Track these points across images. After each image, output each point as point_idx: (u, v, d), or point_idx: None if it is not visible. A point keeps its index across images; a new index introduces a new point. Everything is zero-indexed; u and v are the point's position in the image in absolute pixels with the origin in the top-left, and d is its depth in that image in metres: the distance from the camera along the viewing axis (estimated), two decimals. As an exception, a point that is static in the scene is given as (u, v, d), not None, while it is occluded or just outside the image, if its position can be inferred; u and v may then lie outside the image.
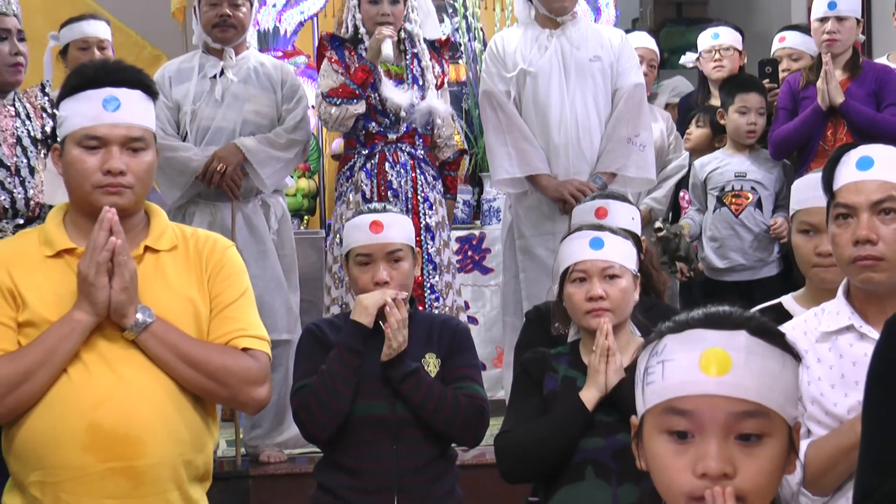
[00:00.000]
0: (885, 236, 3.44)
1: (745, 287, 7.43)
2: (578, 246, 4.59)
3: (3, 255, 3.89)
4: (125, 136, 3.79)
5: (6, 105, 5.86)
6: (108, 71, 3.90)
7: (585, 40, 7.26)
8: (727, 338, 2.34)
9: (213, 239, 4.05)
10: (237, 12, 7.03)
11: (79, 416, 3.71)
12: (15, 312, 3.79)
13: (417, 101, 7.03)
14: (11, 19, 5.81)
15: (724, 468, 2.29)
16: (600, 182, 7.08)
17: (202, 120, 7.03)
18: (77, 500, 3.72)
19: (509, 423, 4.75)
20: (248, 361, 3.91)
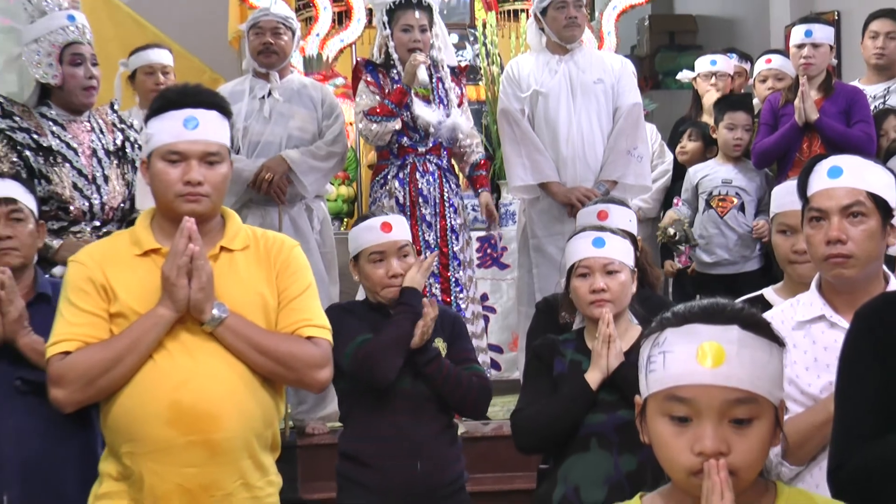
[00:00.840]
0: (854, 237, 3.45)
1: (730, 280, 7.44)
2: (583, 245, 4.60)
3: (98, 254, 3.91)
4: (203, 151, 3.81)
5: (83, 122, 5.89)
6: (188, 94, 3.92)
7: (590, 65, 7.29)
8: (721, 332, 2.35)
9: (281, 239, 4.06)
10: (279, 40, 7.08)
11: (163, 396, 3.73)
12: (107, 305, 3.81)
13: (444, 118, 7.01)
14: (86, 47, 5.85)
15: (720, 448, 2.31)
16: (603, 189, 7.09)
17: (252, 135, 7.06)
18: (161, 469, 3.73)
19: (523, 402, 4.78)
20: (312, 348, 3.92)
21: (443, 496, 4.97)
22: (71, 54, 5.82)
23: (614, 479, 4.46)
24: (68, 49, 5.82)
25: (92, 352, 3.75)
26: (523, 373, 4.98)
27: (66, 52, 5.82)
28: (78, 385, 3.75)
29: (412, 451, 4.90)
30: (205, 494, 3.74)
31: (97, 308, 3.80)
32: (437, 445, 5.01)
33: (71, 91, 5.83)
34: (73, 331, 3.78)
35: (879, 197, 3.50)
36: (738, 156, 7.81)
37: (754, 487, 2.42)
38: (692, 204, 7.89)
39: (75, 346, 3.76)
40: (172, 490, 3.72)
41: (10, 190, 4.50)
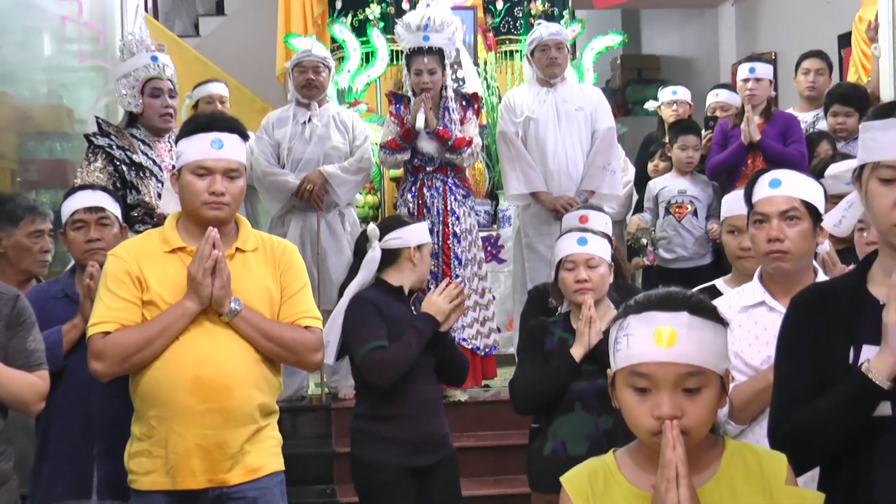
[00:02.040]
0: (791, 236, 3.50)
1: (687, 273, 7.44)
2: (569, 243, 4.61)
3: (133, 250, 3.91)
4: (226, 167, 3.83)
5: (165, 142, 5.94)
6: (215, 120, 3.96)
7: (573, 95, 7.29)
8: (673, 317, 2.38)
9: (284, 244, 4.07)
10: (318, 76, 7.11)
11: (187, 370, 3.75)
12: (140, 293, 3.81)
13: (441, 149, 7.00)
14: (165, 82, 5.89)
15: (674, 413, 2.34)
16: (583, 197, 7.10)
17: (295, 154, 7.06)
18: (183, 430, 3.75)
19: (519, 372, 4.81)
20: (310, 336, 3.95)
21: (441, 444, 4.98)
22: (151, 88, 5.87)
23: (594, 437, 4.47)
24: (149, 83, 5.87)
25: (128, 333, 3.76)
26: (518, 348, 4.96)
27: (147, 86, 5.88)
28: (115, 360, 3.76)
29: (424, 409, 4.92)
30: (218, 451, 3.76)
31: (132, 296, 3.81)
32: (439, 405, 5.07)
33: (150, 117, 5.88)
34: (111, 314, 3.78)
35: (811, 204, 3.55)
36: (690, 171, 7.84)
37: (706, 442, 2.44)
38: (653, 211, 7.92)
39: (114, 328, 3.77)
40: (192, 448, 3.74)
41: (100, 200, 4.53)
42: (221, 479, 3.78)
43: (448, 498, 5.01)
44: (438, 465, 4.94)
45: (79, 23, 7.18)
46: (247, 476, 3.82)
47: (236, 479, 3.80)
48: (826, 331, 2.77)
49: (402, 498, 4.86)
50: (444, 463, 4.96)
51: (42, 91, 7.11)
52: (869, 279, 2.80)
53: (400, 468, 4.84)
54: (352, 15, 9.01)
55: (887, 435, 2.65)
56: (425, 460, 4.90)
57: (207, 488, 3.78)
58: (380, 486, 4.88)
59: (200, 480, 3.76)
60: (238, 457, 3.80)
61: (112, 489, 4.29)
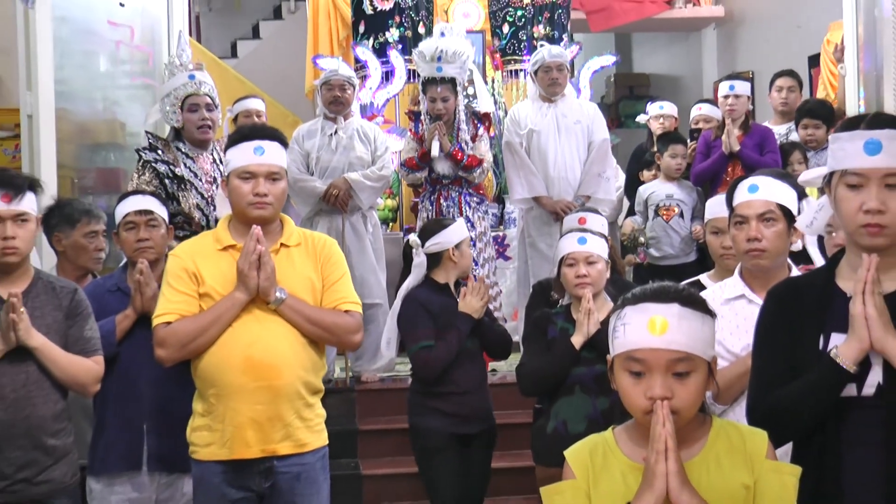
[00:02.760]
0: (767, 236, 3.51)
1: (675, 269, 7.39)
2: (570, 242, 4.61)
3: (190, 249, 3.96)
4: (268, 171, 3.85)
5: (207, 154, 5.97)
6: (257, 130, 4.00)
7: (571, 110, 7.30)
8: (665, 308, 2.39)
9: (324, 238, 4.09)
10: (344, 94, 7.11)
11: (239, 353, 3.78)
12: (197, 287, 3.85)
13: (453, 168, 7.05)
14: (202, 97, 5.90)
15: (665, 394, 2.35)
16: (580, 201, 7.11)
17: (323, 163, 7.06)
18: (238, 406, 3.78)
19: (524, 359, 4.82)
20: (349, 319, 3.95)
21: (484, 416, 5.10)
22: (189, 103, 5.90)
23: (593, 416, 4.47)
24: (188, 99, 5.90)
25: (187, 323, 3.80)
26: (523, 337, 4.99)
27: (185, 102, 5.91)
28: (176, 347, 3.80)
29: (468, 386, 5.03)
30: (269, 424, 3.79)
31: (190, 290, 3.84)
32: (482, 383, 5.15)
33: (189, 131, 5.91)
34: (172, 307, 3.83)
35: (786, 207, 3.57)
36: (677, 177, 7.81)
37: (695, 420, 2.44)
38: (643, 214, 7.90)
39: (175, 318, 3.81)
40: (246, 422, 3.77)
41: (149, 203, 4.54)
42: (272, 450, 3.81)
43: (484, 464, 5.13)
44: (480, 434, 5.09)
45: (131, 46, 7.20)
46: (295, 449, 3.85)
47: (285, 450, 3.83)
48: (799, 320, 2.78)
49: (447, 460, 5.01)
50: (486, 433, 5.11)
51: (98, 107, 7.13)
52: (837, 274, 2.80)
53: (447, 435, 5.00)
54: (373, 38, 9.02)
55: (852, 413, 2.66)
56: (468, 429, 5.04)
57: (258, 460, 3.81)
58: (430, 449, 5.05)
59: (254, 451, 3.80)
60: (287, 430, 3.83)
61: (160, 462, 4.34)
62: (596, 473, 2.46)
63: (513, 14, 9.13)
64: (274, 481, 3.85)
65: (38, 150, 5.12)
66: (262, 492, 3.86)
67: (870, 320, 2.58)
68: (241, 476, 3.83)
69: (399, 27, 9.00)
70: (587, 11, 12.13)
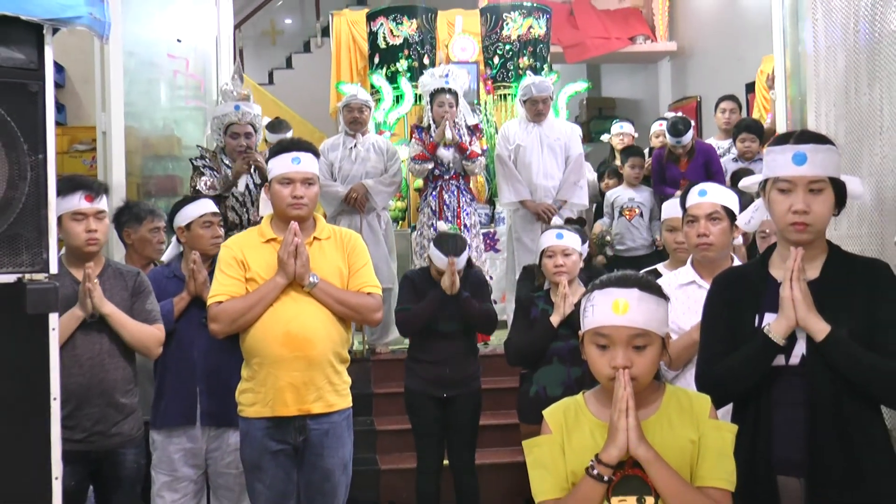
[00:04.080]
0: (714, 232, 3.55)
1: (636, 260, 7.41)
2: (549, 237, 4.64)
3: (238, 241, 3.97)
4: (303, 177, 3.87)
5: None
6: (294, 143, 3.99)
7: (552, 129, 7.26)
8: (627, 292, 2.40)
9: (350, 233, 4.08)
10: (362, 115, 7.09)
11: (279, 327, 3.79)
12: (244, 273, 3.86)
13: (456, 156, 6.99)
14: (243, 126, 5.91)
15: (626, 363, 2.37)
16: (558, 204, 7.09)
17: (344, 171, 7.04)
18: (278, 373, 3.80)
19: (511, 334, 4.84)
20: (371, 300, 3.95)
21: (461, 383, 5.08)
22: (231, 131, 5.90)
23: (567, 382, 4.48)
24: (231, 127, 5.91)
25: (235, 302, 3.82)
26: (511, 316, 5.00)
27: (228, 129, 5.90)
28: (226, 322, 3.82)
29: (445, 357, 5.07)
30: (304, 388, 3.81)
31: (238, 275, 3.86)
32: (462, 356, 5.12)
33: (230, 153, 5.92)
34: (223, 289, 3.85)
35: (729, 208, 3.59)
36: (636, 183, 7.84)
37: (651, 386, 2.46)
38: (610, 215, 7.91)
39: (225, 298, 3.83)
40: (285, 386, 3.80)
41: (214, 207, 4.59)
42: (307, 409, 3.83)
43: (463, 422, 5.11)
44: (458, 397, 5.07)
45: (186, 75, 7.19)
46: (325, 409, 3.87)
47: (317, 409, 3.85)
48: (738, 302, 2.80)
49: (425, 415, 5.09)
50: (464, 396, 5.09)
51: (159, 125, 7.13)
52: (770, 264, 2.83)
53: (425, 395, 5.06)
54: (386, 67, 9.00)
55: (781, 380, 2.69)
56: (443, 392, 5.05)
57: (295, 417, 3.83)
58: (411, 405, 5.17)
59: (291, 409, 3.82)
60: (319, 392, 3.85)
61: (212, 418, 4.34)
62: (569, 430, 2.47)
63: (502, 48, 9.10)
64: (307, 436, 3.86)
65: (110, 161, 5.13)
66: (296, 444, 3.88)
67: (796, 302, 2.61)
68: (280, 431, 3.85)
69: (407, 59, 8.98)
70: (564, 46, 12.14)
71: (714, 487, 2.36)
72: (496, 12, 9.19)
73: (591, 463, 2.35)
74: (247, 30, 14.03)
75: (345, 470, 3.96)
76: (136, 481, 4.05)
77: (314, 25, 14.28)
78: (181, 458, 4.35)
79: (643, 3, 13.05)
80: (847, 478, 2.60)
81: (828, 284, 2.69)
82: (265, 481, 3.88)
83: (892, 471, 2.67)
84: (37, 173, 2.62)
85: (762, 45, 8.47)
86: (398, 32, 8.99)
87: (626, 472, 2.35)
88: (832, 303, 2.65)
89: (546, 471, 2.44)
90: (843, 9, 3.33)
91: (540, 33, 9.15)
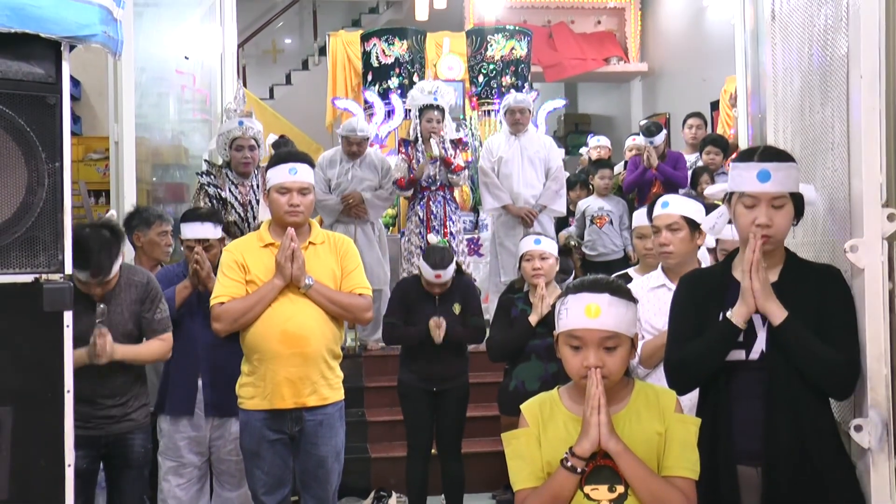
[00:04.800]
0: (674, 241, 3.56)
1: (607, 264, 7.43)
2: (528, 242, 4.68)
3: (239, 246, 3.96)
4: (300, 187, 3.83)
5: (248, 182, 5.91)
6: (291, 154, 3.97)
7: (532, 142, 7.27)
8: (598, 297, 2.40)
9: (343, 237, 4.06)
10: (360, 147, 7.07)
11: (277, 326, 3.79)
12: (244, 275, 3.85)
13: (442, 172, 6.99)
14: (247, 140, 5.85)
15: (597, 363, 2.37)
16: (539, 208, 7.12)
17: (342, 187, 7.04)
18: (276, 368, 3.80)
19: (493, 333, 4.85)
20: (362, 300, 3.93)
21: (448, 378, 5.07)
22: (236, 144, 5.85)
23: (545, 378, 4.50)
24: (235, 141, 5.85)
25: (236, 303, 3.80)
26: (493, 316, 4.99)
27: (233, 143, 5.86)
28: (228, 322, 3.81)
29: (432, 356, 5.05)
30: (300, 382, 3.81)
31: (239, 277, 3.84)
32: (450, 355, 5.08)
33: (235, 165, 5.87)
34: (225, 290, 3.83)
35: (689, 218, 3.58)
36: (606, 193, 7.84)
37: (620, 383, 2.46)
38: (581, 223, 7.90)
39: (227, 299, 3.81)
40: (282, 380, 3.79)
41: (205, 231, 4.51)
42: (302, 402, 3.82)
43: (450, 413, 5.11)
44: (447, 391, 5.08)
45: (193, 89, 7.17)
46: (319, 402, 3.86)
47: (312, 402, 3.84)
48: (702, 300, 2.81)
49: (416, 406, 5.09)
50: (452, 390, 5.09)
51: (168, 136, 7.11)
52: (733, 267, 2.84)
53: (414, 388, 5.07)
54: (378, 84, 8.99)
55: (741, 374, 2.70)
56: (432, 386, 5.05)
57: (291, 409, 3.82)
58: (402, 396, 5.16)
59: (288, 402, 3.81)
60: (314, 387, 3.84)
61: (215, 408, 4.36)
62: (544, 422, 2.47)
63: (486, 67, 9.11)
64: (302, 426, 3.86)
65: (122, 169, 5.10)
66: (292, 434, 3.88)
67: (755, 291, 2.63)
68: (277, 422, 3.85)
69: (398, 76, 8.98)
70: (543, 66, 12.15)
71: (679, 476, 2.37)
72: (481, 34, 9.20)
73: (566, 455, 2.35)
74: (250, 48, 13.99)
75: (337, 457, 3.95)
76: (143, 465, 4.06)
77: (312, 45, 14.26)
78: (186, 446, 4.36)
79: (617, 27, 13.10)
80: (799, 466, 2.61)
81: (785, 288, 2.70)
82: (263, 468, 3.88)
83: (839, 460, 2.70)
84: (54, 180, 2.61)
85: (726, 66, 8.48)
86: (390, 52, 8.99)
87: (597, 463, 2.36)
88: (789, 306, 2.66)
89: (523, 461, 2.44)
90: (799, 34, 3.35)
91: (521, 54, 9.16)
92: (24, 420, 2.58)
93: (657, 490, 2.32)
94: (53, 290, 2.59)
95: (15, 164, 2.57)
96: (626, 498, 2.34)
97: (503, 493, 5.89)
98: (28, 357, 2.59)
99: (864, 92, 2.74)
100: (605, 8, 13.03)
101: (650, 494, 2.32)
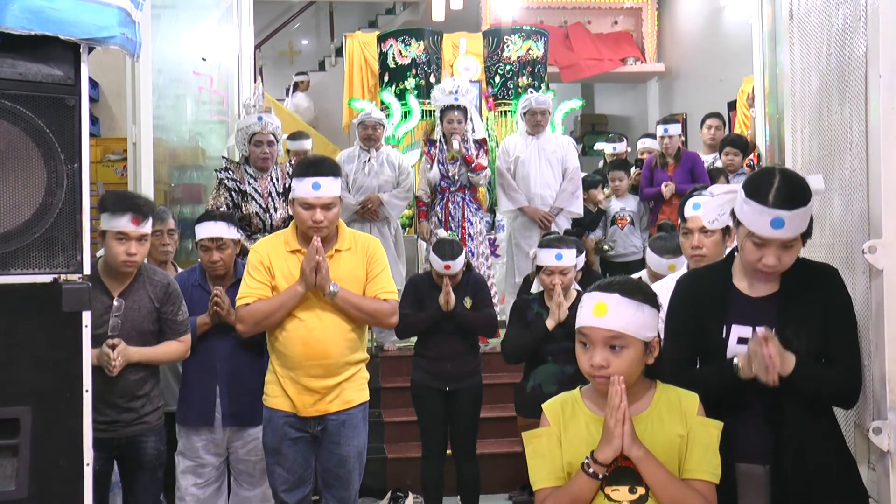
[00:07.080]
0: (707, 245, 3.53)
1: (627, 265, 7.42)
2: (549, 256, 4.62)
3: (265, 247, 3.94)
4: (323, 203, 3.79)
5: (267, 175, 5.91)
6: (315, 165, 3.87)
7: (549, 142, 7.27)
8: (607, 297, 2.40)
9: (370, 239, 4.04)
10: (375, 132, 7.07)
11: (300, 337, 3.82)
12: (269, 279, 3.86)
13: (463, 172, 6.99)
14: (266, 135, 5.86)
15: (602, 363, 2.38)
16: (556, 211, 7.11)
17: (358, 183, 7.03)
18: (297, 376, 3.84)
19: (508, 335, 4.83)
20: (387, 305, 3.92)
21: (461, 378, 5.05)
22: (255, 140, 5.86)
23: (561, 379, 4.48)
24: (254, 136, 5.86)
25: (260, 304, 3.81)
26: (508, 317, 4.98)
27: (252, 138, 5.87)
28: (251, 324, 3.83)
29: (444, 356, 5.05)
30: (323, 391, 3.85)
31: (264, 279, 3.85)
32: (462, 355, 5.08)
33: (254, 160, 5.87)
34: (250, 292, 3.84)
35: None
36: (623, 194, 7.82)
37: (643, 384, 2.47)
38: (603, 223, 7.86)
39: (252, 301, 3.82)
40: (303, 389, 3.84)
41: (219, 230, 4.47)
42: (325, 409, 3.86)
43: (464, 413, 5.09)
44: (460, 391, 5.06)
45: (210, 90, 7.20)
46: (342, 406, 3.88)
47: (335, 408, 3.87)
48: (702, 308, 2.77)
49: (429, 407, 5.08)
50: (465, 390, 5.07)
51: (185, 137, 7.14)
52: (733, 273, 2.80)
53: (427, 387, 5.06)
54: (395, 85, 9.01)
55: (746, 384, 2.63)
56: (445, 385, 5.04)
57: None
58: (417, 396, 5.15)
59: (311, 411, 3.85)
60: (336, 392, 3.87)
61: (232, 418, 4.37)
62: (566, 422, 2.47)
63: (503, 68, 9.11)
64: (325, 426, 3.89)
65: (139, 170, 5.13)
66: (315, 433, 3.90)
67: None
68: (300, 423, 3.89)
69: (415, 77, 8.99)
70: (560, 66, 12.14)
71: (699, 480, 2.37)
72: (498, 35, 9.20)
73: (587, 461, 2.35)
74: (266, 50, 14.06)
75: (359, 458, 3.96)
76: (156, 466, 4.06)
77: (329, 46, 14.31)
78: (204, 447, 4.38)
79: (634, 28, 13.07)
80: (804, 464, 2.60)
81: (789, 294, 2.68)
82: (285, 465, 3.90)
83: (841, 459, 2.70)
84: (72, 181, 2.62)
85: (743, 66, 8.49)
86: (406, 53, 9.00)
87: (619, 464, 2.36)
88: (794, 310, 2.64)
89: (544, 460, 2.44)
90: (817, 34, 3.33)
91: (538, 55, 9.16)
92: (44, 420, 2.59)
93: (678, 494, 2.32)
94: (72, 291, 2.61)
95: (34, 165, 2.58)
96: (646, 499, 2.34)
97: (519, 493, 5.89)
98: (47, 357, 2.61)
99: (883, 91, 2.73)
100: (621, 8, 13.01)
101: (671, 499, 2.32)
